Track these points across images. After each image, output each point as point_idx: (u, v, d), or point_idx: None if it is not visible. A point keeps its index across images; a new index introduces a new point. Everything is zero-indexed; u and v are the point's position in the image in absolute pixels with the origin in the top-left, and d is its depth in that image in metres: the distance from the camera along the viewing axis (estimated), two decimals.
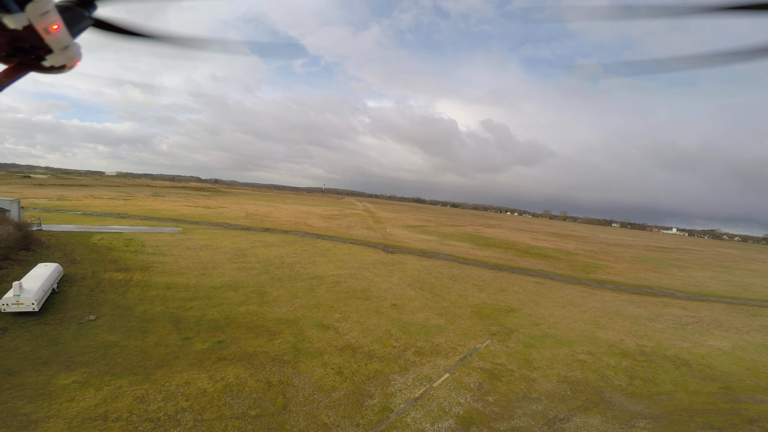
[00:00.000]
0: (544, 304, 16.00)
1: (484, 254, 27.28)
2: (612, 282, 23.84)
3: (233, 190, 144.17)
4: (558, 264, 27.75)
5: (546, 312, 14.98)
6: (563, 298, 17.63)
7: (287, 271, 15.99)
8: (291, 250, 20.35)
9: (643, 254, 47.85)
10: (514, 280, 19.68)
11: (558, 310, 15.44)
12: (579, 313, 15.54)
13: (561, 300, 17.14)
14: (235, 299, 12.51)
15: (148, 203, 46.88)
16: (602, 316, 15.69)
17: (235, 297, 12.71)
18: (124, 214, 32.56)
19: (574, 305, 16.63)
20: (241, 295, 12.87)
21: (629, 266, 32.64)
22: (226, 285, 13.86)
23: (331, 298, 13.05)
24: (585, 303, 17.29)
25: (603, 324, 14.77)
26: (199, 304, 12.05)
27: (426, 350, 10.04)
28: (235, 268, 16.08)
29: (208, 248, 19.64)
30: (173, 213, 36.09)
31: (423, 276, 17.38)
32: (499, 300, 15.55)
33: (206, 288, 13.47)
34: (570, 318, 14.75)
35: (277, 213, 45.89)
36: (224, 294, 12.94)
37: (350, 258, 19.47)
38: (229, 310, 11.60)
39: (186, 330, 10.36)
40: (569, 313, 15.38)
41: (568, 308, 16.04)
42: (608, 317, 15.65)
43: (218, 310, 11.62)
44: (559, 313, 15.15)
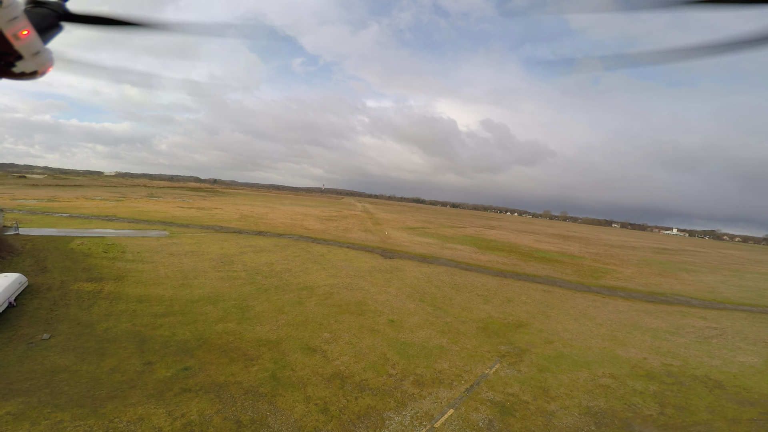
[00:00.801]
0: (555, 317, 14.68)
1: (486, 259, 25.95)
2: (623, 288, 22.53)
3: (231, 190, 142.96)
4: (564, 269, 26.43)
5: (558, 326, 13.66)
6: (575, 308, 16.31)
7: (275, 281, 14.66)
8: (282, 255, 19.03)
9: (648, 257, 46.54)
10: (521, 288, 18.36)
11: (571, 324, 14.12)
12: (594, 327, 14.22)
13: (573, 311, 15.81)
14: (213, 315, 11.18)
15: (140, 205, 45.54)
16: (619, 330, 14.38)
17: (213, 312, 11.38)
18: (113, 217, 31.23)
19: (587, 317, 15.31)
20: (219, 310, 11.54)
21: (637, 270, 31.33)
22: (205, 298, 12.53)
23: (321, 314, 11.72)
24: (599, 314, 15.97)
25: (621, 339, 13.46)
26: (170, 320, 10.73)
27: (427, 379, 8.71)
28: (218, 277, 14.75)
29: (193, 254, 18.31)
30: (164, 215, 34.75)
31: (423, 285, 16.06)
32: (507, 313, 14.22)
33: (182, 301, 12.13)
34: (585, 333, 13.43)
35: (272, 214, 44.55)
36: (201, 309, 11.61)
37: (345, 265, 18.15)
38: (204, 329, 10.27)
39: (150, 352, 9.04)
40: (583, 326, 14.06)
41: (581, 321, 14.72)
42: (626, 331, 14.34)
43: (191, 328, 10.30)
44: (572, 327, 13.83)
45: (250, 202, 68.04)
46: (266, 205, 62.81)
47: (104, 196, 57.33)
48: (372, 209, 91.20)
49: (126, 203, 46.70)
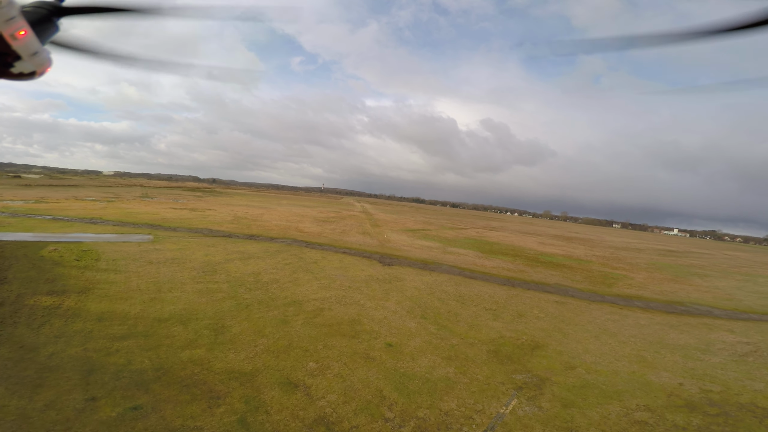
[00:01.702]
0: (573, 335, 13.13)
1: (491, 264, 24.40)
2: (638, 297, 20.99)
3: (229, 190, 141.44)
4: (574, 275, 24.89)
5: (578, 346, 12.11)
6: (593, 323, 14.76)
7: (260, 294, 13.10)
8: (272, 263, 17.46)
9: (656, 260, 45.02)
10: (531, 299, 16.81)
11: (592, 343, 12.58)
12: (617, 346, 12.68)
13: (592, 327, 14.27)
14: (181, 338, 9.62)
15: (131, 206, 43.99)
16: (645, 348, 12.84)
17: (182, 334, 9.81)
18: (98, 219, 29.64)
19: (608, 334, 13.77)
20: (189, 332, 9.97)
21: (649, 276, 29.80)
22: (176, 316, 10.96)
23: (307, 337, 10.16)
24: (620, 330, 14.43)
25: (651, 360, 11.93)
26: (129, 345, 9.17)
27: (431, 424, 7.16)
28: (196, 290, 13.19)
29: (173, 262, 16.75)
30: (153, 217, 33.18)
31: (425, 298, 14.50)
32: (520, 331, 12.67)
33: (149, 320, 10.58)
34: (609, 353, 11.89)
35: (267, 216, 42.98)
36: (168, 330, 10.05)
37: (340, 274, 16.58)
38: (167, 356, 8.72)
39: (97, 385, 7.50)
40: (606, 346, 12.52)
41: (602, 339, 13.18)
42: (653, 350, 12.80)
43: (152, 355, 8.75)
44: (594, 347, 12.29)
45: (246, 203, 66.50)
46: (262, 206, 61.27)
47: (96, 197, 55.80)
48: (371, 210, 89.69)
49: (116, 204, 45.14)
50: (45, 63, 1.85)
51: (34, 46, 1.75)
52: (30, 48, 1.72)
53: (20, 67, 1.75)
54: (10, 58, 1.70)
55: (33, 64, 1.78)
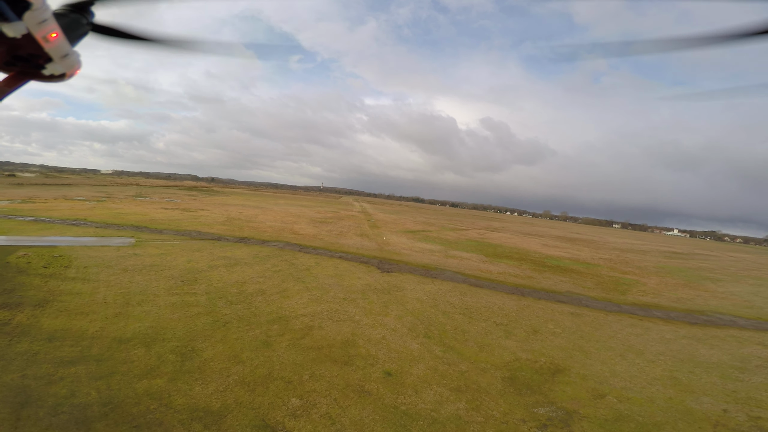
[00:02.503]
0: (596, 354, 11.66)
1: (497, 270, 22.93)
2: (656, 306, 19.54)
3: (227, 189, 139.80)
4: (584, 281, 23.44)
5: (604, 368, 10.65)
6: (615, 339, 13.30)
7: (241, 309, 11.60)
8: (260, 270, 15.95)
9: (663, 263, 43.62)
10: (544, 311, 15.34)
11: (618, 363, 11.11)
12: (647, 366, 11.22)
13: (614, 343, 12.81)
14: (141, 364, 8.13)
15: (120, 206, 42.43)
16: (677, 368, 11.39)
17: (143, 359, 8.32)
18: (83, 221, 28.07)
19: (634, 351, 12.31)
20: (152, 356, 8.47)
21: (660, 281, 28.37)
22: (140, 335, 9.46)
23: (292, 363, 8.66)
24: (645, 346, 12.97)
25: (686, 383, 10.48)
26: (78, 371, 7.68)
27: None
28: (169, 303, 11.68)
29: (151, 269, 15.23)
30: (141, 218, 31.63)
31: (428, 311, 13.01)
32: (536, 351, 11.19)
33: (107, 341, 9.07)
34: (639, 376, 10.43)
35: (262, 216, 41.43)
36: (128, 353, 8.55)
37: (334, 283, 15.08)
38: (120, 387, 7.23)
39: (28, 423, 6.00)
40: (634, 366, 11.06)
41: (628, 358, 11.71)
42: (686, 369, 11.35)
43: (102, 385, 7.25)
44: (621, 368, 10.82)
45: (242, 203, 64.92)
46: (258, 206, 59.70)
47: (87, 196, 54.19)
48: (370, 209, 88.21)
49: (106, 204, 43.54)
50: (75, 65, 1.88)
51: (65, 49, 1.77)
52: (61, 50, 1.74)
53: (51, 69, 1.77)
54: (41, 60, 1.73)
55: (63, 66, 1.80)
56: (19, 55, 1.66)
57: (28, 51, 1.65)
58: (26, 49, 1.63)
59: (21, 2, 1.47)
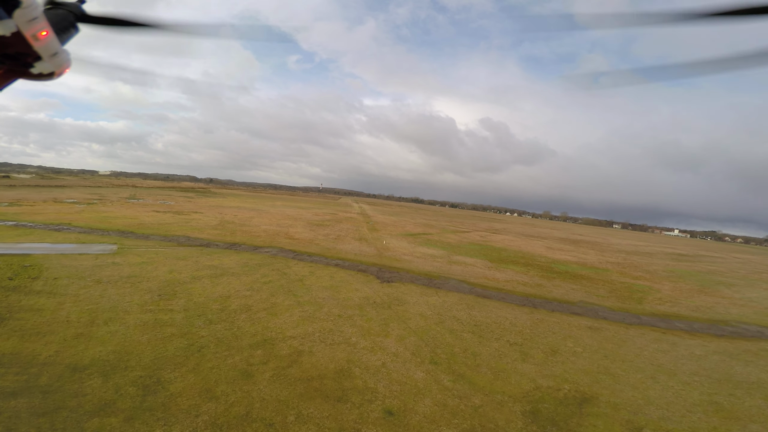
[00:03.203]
0: (624, 377, 10.30)
1: (504, 277, 21.57)
2: (676, 316, 18.20)
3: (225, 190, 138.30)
4: (597, 289, 22.10)
5: (636, 395, 9.28)
6: (642, 357, 11.93)
7: (222, 330, 10.22)
8: (247, 282, 14.57)
9: (672, 266, 42.33)
10: (560, 325, 13.98)
11: (651, 388, 9.75)
12: (682, 389, 9.86)
13: (642, 363, 11.44)
14: (95, 397, 6.74)
15: (110, 209, 41.00)
16: (716, 390, 10.04)
17: (98, 392, 6.93)
18: (66, 225, 26.65)
19: (665, 372, 10.95)
20: (109, 389, 7.09)
21: (674, 287, 27.04)
22: (101, 362, 8.07)
23: (275, 400, 7.29)
24: (676, 365, 11.61)
25: (728, 408, 9.13)
26: (18, 406, 6.27)
27: None
28: (140, 322, 10.29)
29: (127, 281, 13.84)
30: (130, 222, 30.22)
31: (433, 330, 11.64)
32: (558, 376, 9.83)
33: (60, 368, 7.69)
34: (676, 402, 9.07)
35: (257, 219, 40.02)
36: (82, 384, 7.16)
37: (329, 296, 13.70)
38: (65, 426, 5.78)
39: None
40: (669, 390, 9.70)
41: (660, 380, 10.36)
42: (725, 391, 10.00)
43: (44, 423, 5.84)
44: (655, 393, 9.46)
45: (238, 204, 63.49)
46: (255, 208, 58.27)
47: (78, 198, 52.77)
48: (369, 211, 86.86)
49: (95, 207, 42.10)
50: (64, 64, 1.84)
51: (55, 47, 1.74)
52: (51, 49, 1.71)
53: (40, 67, 1.74)
54: (30, 59, 1.69)
55: (53, 64, 1.78)
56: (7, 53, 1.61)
57: (17, 49, 1.61)
58: (15, 48, 1.60)
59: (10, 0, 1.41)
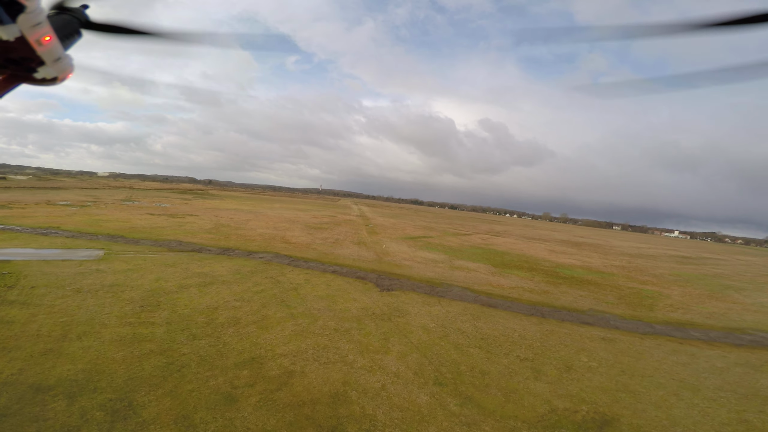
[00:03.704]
0: (645, 394, 9.44)
1: (509, 284, 20.72)
2: (690, 324, 17.35)
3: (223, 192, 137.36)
4: (605, 295, 21.26)
5: (660, 414, 8.42)
6: (661, 371, 11.07)
7: (206, 346, 9.35)
8: (238, 291, 13.70)
9: (677, 269, 41.51)
10: (572, 336, 13.12)
11: (675, 406, 8.89)
12: (708, 406, 9.01)
13: (663, 378, 10.58)
14: (57, 423, 5.82)
15: (103, 211, 40.10)
16: (745, 407, 9.17)
17: (61, 416, 6.04)
18: (55, 229, 25.74)
19: (688, 387, 10.09)
20: (75, 413, 6.20)
21: (683, 292, 26.21)
22: (68, 381, 7.19)
23: (260, 430, 6.44)
24: (698, 379, 10.75)
25: (762, 428, 8.19)
26: None
27: None
28: (117, 337, 9.41)
29: (109, 290, 12.96)
30: (121, 226, 29.33)
31: (437, 345, 10.76)
32: (574, 395, 8.97)
33: (23, 388, 6.79)
34: (704, 421, 8.20)
35: (254, 222, 39.14)
36: (45, 407, 6.28)
37: (325, 307, 12.83)
38: None
39: None
40: (695, 409, 8.84)
41: (684, 397, 9.50)
42: (754, 407, 9.12)
43: None
44: (680, 412, 8.61)
45: (235, 206, 62.59)
46: (252, 210, 57.37)
47: (72, 201, 51.83)
48: (369, 213, 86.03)
49: (88, 210, 41.18)
50: (67, 69, 1.84)
51: (58, 52, 1.74)
52: (54, 54, 1.71)
53: (43, 72, 1.73)
54: (34, 64, 1.68)
55: (56, 69, 1.76)
56: (11, 58, 1.61)
57: (21, 54, 1.61)
58: (19, 52, 1.60)
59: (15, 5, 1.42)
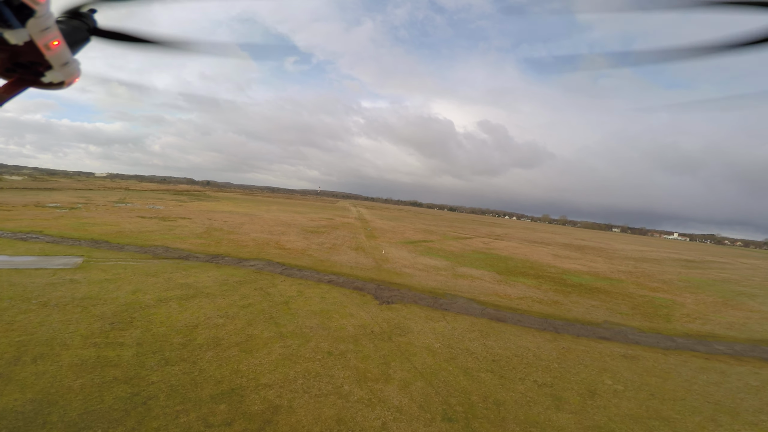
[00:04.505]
0: (681, 422, 8.22)
1: (516, 293, 19.52)
2: (712, 336, 16.18)
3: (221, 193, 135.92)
4: (618, 305, 20.09)
5: None
6: (693, 393, 9.87)
7: (179, 373, 8.12)
8: (223, 305, 12.46)
9: (684, 274, 40.40)
10: (590, 355, 11.92)
11: None
12: None
13: (695, 400, 9.38)
14: None
15: (92, 214, 38.77)
16: None
17: None
18: (37, 234, 24.40)
19: (724, 410, 8.89)
20: None
21: (697, 300, 25.07)
22: (12, 414, 5.91)
23: None
24: (734, 401, 9.54)
25: None
26: None
27: None
28: (78, 360, 8.16)
29: (79, 304, 11.69)
30: (108, 230, 28.01)
31: (444, 370, 9.55)
32: (602, 427, 7.73)
33: None
34: None
35: (248, 226, 37.86)
36: None
37: (318, 324, 11.59)
38: None
39: None
40: None
41: (723, 422, 8.29)
42: None
43: None
44: None
45: (231, 209, 61.27)
46: (248, 213, 56.06)
47: (63, 202, 50.44)
48: (367, 215, 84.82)
49: (77, 212, 39.83)
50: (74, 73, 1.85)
51: (66, 56, 1.74)
52: (62, 58, 1.72)
53: (51, 76, 1.74)
54: (42, 68, 1.70)
55: (63, 74, 1.78)
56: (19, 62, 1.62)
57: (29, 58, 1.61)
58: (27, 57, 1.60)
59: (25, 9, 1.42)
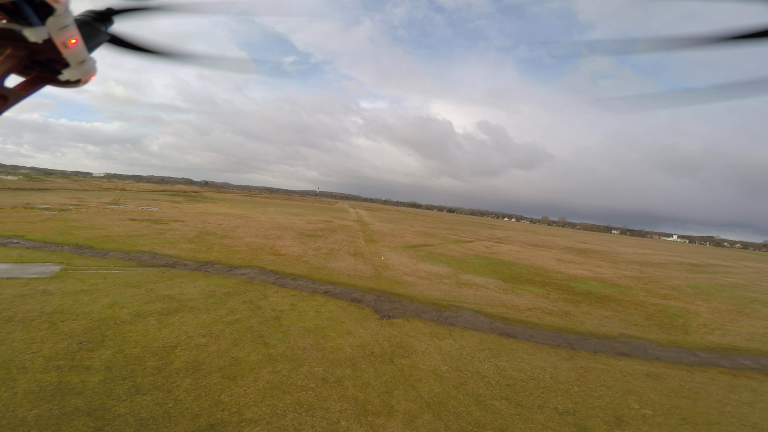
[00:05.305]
0: None
1: (524, 304, 18.44)
2: (734, 348, 15.13)
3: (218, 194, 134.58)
4: (631, 315, 19.04)
5: None
6: (727, 415, 8.78)
7: (150, 404, 7.00)
8: (207, 321, 11.33)
9: (692, 279, 39.46)
10: (611, 374, 10.84)
11: None
12: None
13: (732, 426, 8.30)
14: None
15: (81, 217, 37.54)
16: None
17: None
18: (18, 238, 23.20)
19: None
20: None
21: (709, 307, 24.07)
22: None
23: None
24: None
25: None
26: None
27: None
28: (36, 386, 7.02)
29: (48, 319, 10.54)
30: (95, 234, 26.84)
31: (453, 398, 8.46)
32: None
33: None
34: None
35: (243, 229, 36.70)
36: None
37: (312, 344, 10.46)
38: None
39: None
40: None
41: None
42: None
43: None
44: None
45: (227, 211, 60.06)
46: (244, 215, 54.86)
47: (54, 204, 49.13)
48: (366, 217, 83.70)
49: (66, 215, 38.59)
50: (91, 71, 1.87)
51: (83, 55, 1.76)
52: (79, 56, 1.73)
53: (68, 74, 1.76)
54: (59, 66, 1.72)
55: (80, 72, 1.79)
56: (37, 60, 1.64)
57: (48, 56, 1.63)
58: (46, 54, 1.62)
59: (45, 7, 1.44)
